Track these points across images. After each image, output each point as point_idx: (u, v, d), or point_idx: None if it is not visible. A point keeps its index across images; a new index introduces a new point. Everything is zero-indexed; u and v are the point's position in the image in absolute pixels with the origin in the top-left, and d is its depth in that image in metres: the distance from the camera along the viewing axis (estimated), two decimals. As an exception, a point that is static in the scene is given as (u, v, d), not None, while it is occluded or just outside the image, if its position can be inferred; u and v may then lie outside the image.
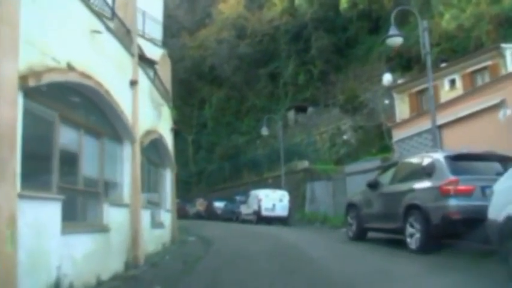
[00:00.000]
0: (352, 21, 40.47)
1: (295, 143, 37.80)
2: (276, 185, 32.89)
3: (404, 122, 22.34)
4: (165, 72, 17.12)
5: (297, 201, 31.06)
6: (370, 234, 14.11)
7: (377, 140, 32.70)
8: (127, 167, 10.86)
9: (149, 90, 13.24)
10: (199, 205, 41.19)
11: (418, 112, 23.82)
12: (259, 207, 29.14)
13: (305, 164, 32.63)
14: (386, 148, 29.29)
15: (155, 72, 16.23)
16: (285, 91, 46.78)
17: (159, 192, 15.28)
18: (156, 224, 14.02)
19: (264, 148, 42.44)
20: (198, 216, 40.14)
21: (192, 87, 53.99)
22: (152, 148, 14.30)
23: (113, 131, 10.23)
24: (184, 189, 51.96)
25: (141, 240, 11.05)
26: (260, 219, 29.14)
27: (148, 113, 12.90)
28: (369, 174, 22.65)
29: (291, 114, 45.71)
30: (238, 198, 34.20)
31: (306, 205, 30.62)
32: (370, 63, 37.38)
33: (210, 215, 38.11)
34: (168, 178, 16.39)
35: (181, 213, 43.89)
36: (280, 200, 29.28)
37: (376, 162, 23.42)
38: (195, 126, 53.51)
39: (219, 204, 37.50)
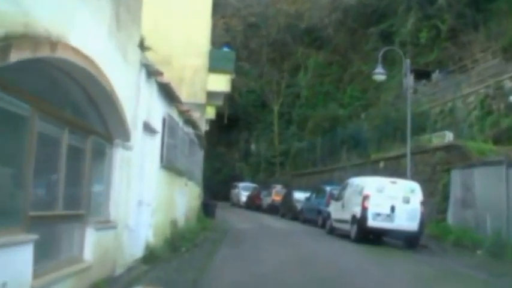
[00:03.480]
0: (493, -35, 28.73)
1: (422, 112, 22.33)
2: (391, 172, 17.89)
3: None
4: None
5: (430, 201, 15.84)
6: None
7: None
8: None
9: None
10: (275, 195, 27.01)
11: None
12: (364, 210, 13.89)
13: (448, 137, 16.90)
14: None
15: None
16: (402, 53, 32.71)
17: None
18: None
19: (371, 123, 27.60)
20: (273, 209, 26.29)
21: (285, 50, 43.51)
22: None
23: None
24: (268, 172, 39.04)
25: None
26: (364, 232, 14.10)
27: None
28: None
29: (410, 81, 30.83)
30: (328, 189, 19.57)
31: (449, 211, 15.31)
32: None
33: (286, 209, 23.88)
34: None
35: (254, 204, 30.36)
36: (406, 200, 13.84)
37: None
38: (285, 97, 40.48)
39: (299, 196, 22.72)
